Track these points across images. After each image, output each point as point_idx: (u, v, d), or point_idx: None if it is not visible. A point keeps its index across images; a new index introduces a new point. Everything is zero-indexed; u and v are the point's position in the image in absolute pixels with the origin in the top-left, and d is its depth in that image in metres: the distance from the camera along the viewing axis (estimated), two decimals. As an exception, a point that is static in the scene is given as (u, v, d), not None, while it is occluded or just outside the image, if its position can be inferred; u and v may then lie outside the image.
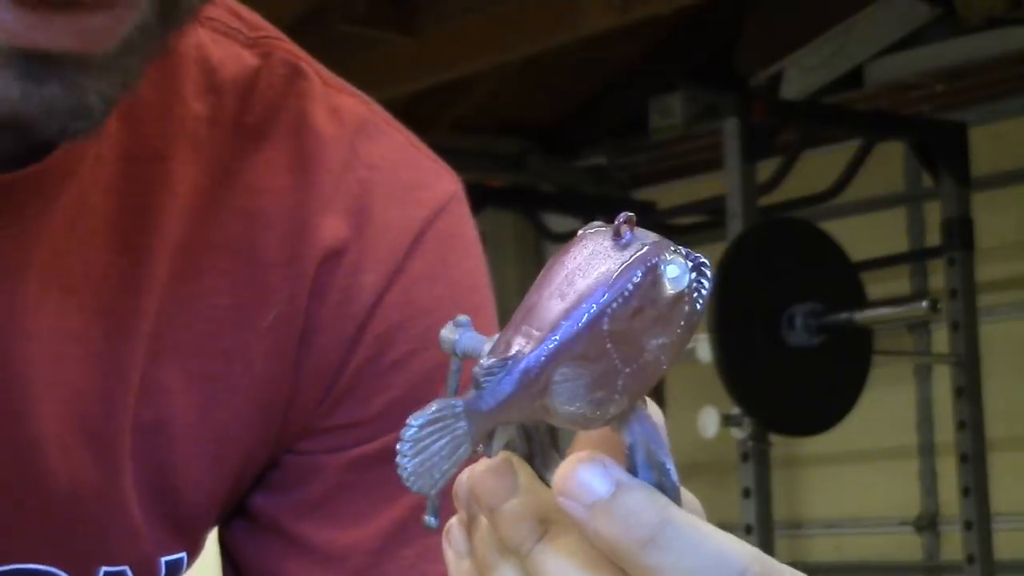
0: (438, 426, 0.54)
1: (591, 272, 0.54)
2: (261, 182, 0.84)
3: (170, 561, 0.84)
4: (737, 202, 3.23)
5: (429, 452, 0.54)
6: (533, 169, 4.23)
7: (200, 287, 0.82)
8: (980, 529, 3.28)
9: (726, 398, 3.10)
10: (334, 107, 0.87)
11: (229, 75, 0.84)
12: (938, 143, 3.38)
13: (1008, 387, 3.49)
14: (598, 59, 4.01)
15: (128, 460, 0.81)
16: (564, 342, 0.53)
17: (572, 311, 0.53)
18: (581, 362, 0.53)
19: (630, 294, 0.53)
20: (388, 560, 0.85)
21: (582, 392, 0.53)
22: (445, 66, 3.69)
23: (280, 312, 0.83)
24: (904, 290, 3.69)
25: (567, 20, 3.45)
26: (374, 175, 0.86)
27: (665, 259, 0.53)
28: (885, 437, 3.72)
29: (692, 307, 0.54)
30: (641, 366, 0.54)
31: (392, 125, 0.89)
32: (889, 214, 3.77)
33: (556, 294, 0.54)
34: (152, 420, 0.81)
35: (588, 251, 0.55)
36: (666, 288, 0.53)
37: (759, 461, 3.21)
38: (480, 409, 0.54)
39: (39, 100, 0.66)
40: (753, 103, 3.26)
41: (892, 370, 3.63)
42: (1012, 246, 3.55)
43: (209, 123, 0.83)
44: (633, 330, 0.53)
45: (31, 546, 0.80)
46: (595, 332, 0.53)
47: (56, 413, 0.78)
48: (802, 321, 3.12)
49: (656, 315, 0.53)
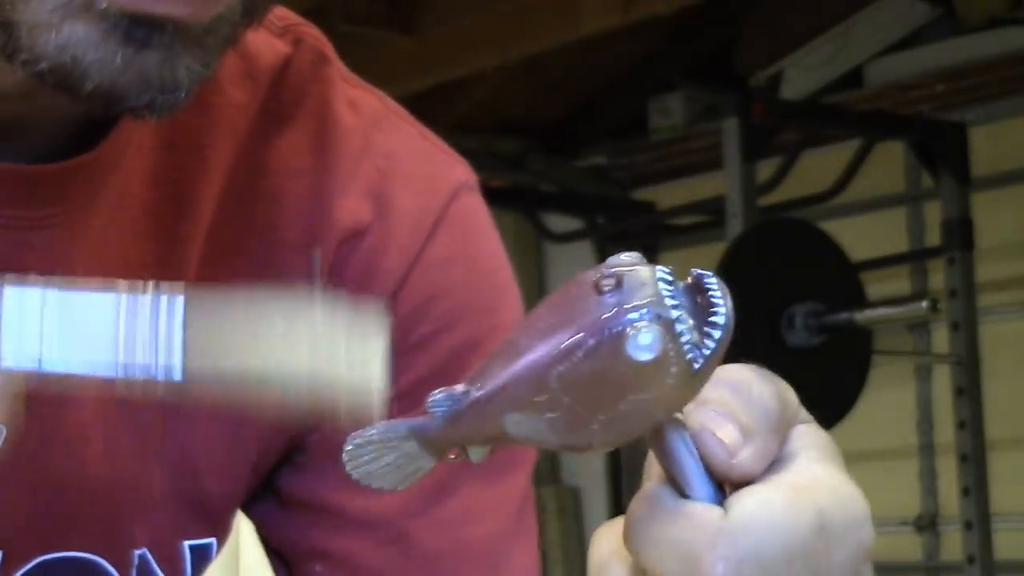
0: (379, 445, 0.56)
1: (555, 327, 0.53)
2: (284, 164, 0.85)
3: (197, 546, 0.84)
4: (737, 202, 3.23)
5: (376, 464, 0.56)
6: (533, 169, 4.23)
7: (225, 269, 0.82)
8: (980, 529, 3.27)
9: (726, 398, 3.09)
10: (352, 99, 0.88)
11: (265, 63, 0.86)
12: (938, 143, 3.38)
13: (1008, 387, 3.49)
14: (598, 59, 4.01)
15: (160, 442, 0.81)
16: (508, 396, 0.53)
17: (526, 365, 0.53)
18: (533, 411, 0.53)
19: (580, 360, 0.51)
20: (427, 521, 0.85)
21: (544, 433, 0.53)
22: (445, 66, 3.69)
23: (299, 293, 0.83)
24: (904, 290, 3.69)
25: (567, 20, 3.45)
26: (391, 164, 0.88)
27: (637, 327, 0.51)
28: (885, 437, 3.72)
29: (682, 368, 0.52)
30: (619, 416, 0.52)
31: (405, 119, 0.91)
32: (889, 214, 3.77)
33: (522, 342, 0.53)
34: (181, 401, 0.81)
35: (568, 300, 0.53)
36: (631, 355, 0.51)
37: (759, 461, 3.21)
38: (427, 434, 0.55)
39: (136, 69, 0.67)
40: (753, 103, 3.26)
41: (892, 370, 3.63)
42: (1012, 246, 3.55)
43: (245, 110, 0.84)
44: (597, 388, 0.52)
45: (72, 533, 0.80)
46: (544, 387, 0.52)
47: (98, 400, 0.79)
48: (802, 321, 3.12)
49: (625, 378, 0.52)
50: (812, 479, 0.55)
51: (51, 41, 0.66)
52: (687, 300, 0.53)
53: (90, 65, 0.66)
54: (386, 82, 0.95)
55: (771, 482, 0.55)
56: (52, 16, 0.66)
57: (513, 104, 4.15)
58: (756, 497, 0.54)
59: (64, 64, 0.66)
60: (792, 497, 0.54)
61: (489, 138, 4.17)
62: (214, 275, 0.82)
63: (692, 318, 0.53)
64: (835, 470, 0.56)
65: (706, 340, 0.52)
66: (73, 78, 0.67)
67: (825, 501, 0.54)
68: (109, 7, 0.66)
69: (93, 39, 0.66)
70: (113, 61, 0.66)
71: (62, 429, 0.79)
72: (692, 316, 0.53)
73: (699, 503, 0.54)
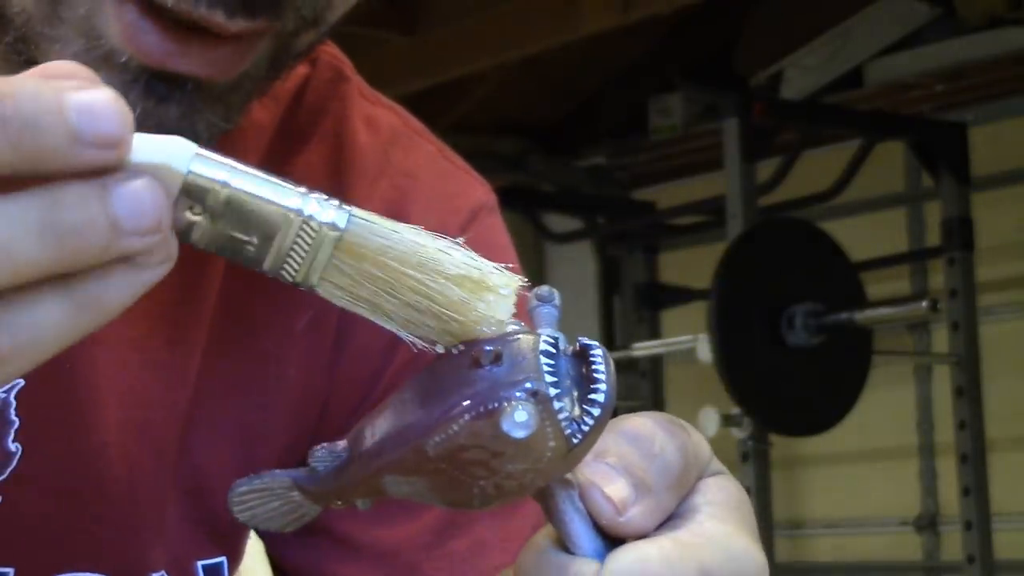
0: (265, 493, 0.57)
1: (434, 396, 0.52)
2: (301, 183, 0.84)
3: (209, 566, 0.84)
4: (737, 202, 3.23)
5: (263, 509, 0.57)
6: (533, 169, 4.23)
7: (247, 292, 0.82)
8: (980, 529, 3.27)
9: (726, 398, 3.10)
10: (370, 117, 0.88)
11: (286, 84, 0.85)
12: (938, 143, 3.37)
13: (1008, 387, 3.49)
14: (598, 59, 4.01)
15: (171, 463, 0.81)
16: (386, 460, 0.53)
17: (402, 432, 0.52)
18: (411, 474, 0.53)
19: (455, 433, 0.51)
20: (439, 555, 0.85)
21: (424, 493, 0.54)
22: (445, 66, 3.69)
23: (314, 317, 0.83)
24: (904, 290, 3.69)
25: (567, 20, 3.45)
26: (409, 182, 0.87)
27: (512, 403, 0.51)
28: (885, 437, 3.72)
29: (559, 443, 0.51)
30: (499, 482, 0.52)
31: (425, 136, 0.90)
32: (889, 214, 3.77)
33: (400, 405, 0.53)
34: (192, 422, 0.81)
35: (452, 367, 0.53)
36: (506, 433, 0.51)
37: (759, 461, 3.21)
38: (310, 487, 0.56)
39: (156, 120, 0.67)
40: (753, 103, 3.26)
41: (892, 370, 3.63)
42: (1012, 246, 3.55)
43: (265, 131, 0.84)
44: (474, 458, 0.52)
45: (86, 554, 0.80)
46: (421, 455, 0.52)
47: (119, 420, 0.79)
48: (802, 321, 3.12)
49: (501, 451, 0.51)
50: (701, 535, 0.55)
51: None
52: (571, 370, 0.53)
53: None
54: (386, 82, 0.94)
55: (654, 539, 0.54)
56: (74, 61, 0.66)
57: (513, 104, 4.15)
58: (634, 553, 0.53)
59: None
60: (673, 552, 0.53)
61: (489, 138, 4.16)
62: (235, 296, 0.82)
63: (574, 389, 0.52)
64: (733, 526, 0.56)
65: (585, 417, 0.52)
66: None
67: (711, 558, 0.54)
68: (130, 61, 0.66)
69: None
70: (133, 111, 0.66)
71: (80, 448, 0.78)
72: (574, 387, 0.52)
73: (579, 559, 0.54)
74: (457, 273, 0.52)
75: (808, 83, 3.69)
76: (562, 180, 4.26)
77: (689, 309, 3.75)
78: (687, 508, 0.56)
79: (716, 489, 0.57)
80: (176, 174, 0.49)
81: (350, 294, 0.52)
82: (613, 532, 0.55)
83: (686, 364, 3.65)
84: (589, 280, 4.23)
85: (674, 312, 4.00)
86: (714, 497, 0.57)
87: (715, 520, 0.56)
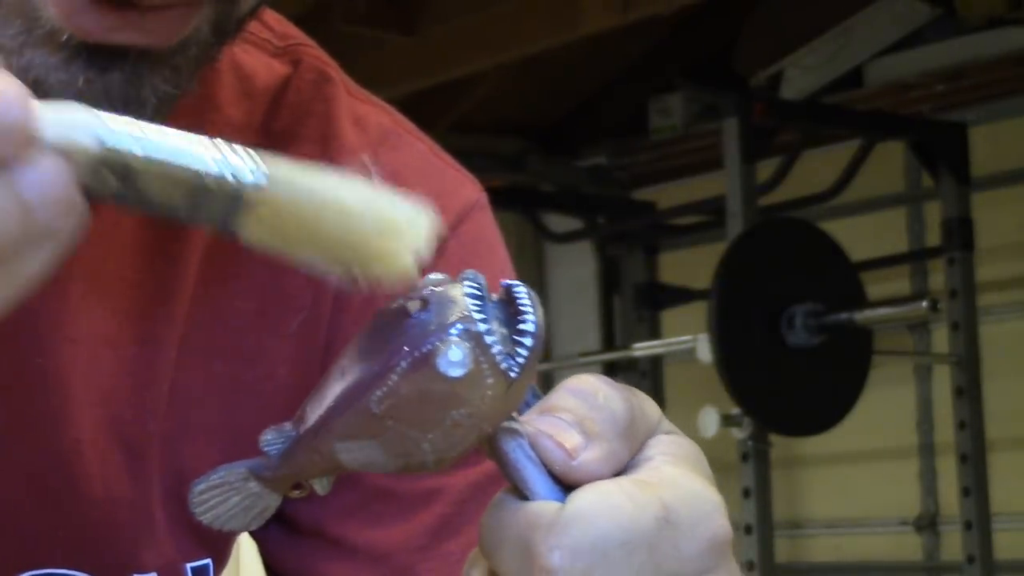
0: (223, 488, 0.57)
1: (369, 353, 0.53)
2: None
3: (195, 568, 0.84)
4: (737, 202, 3.23)
5: (224, 507, 0.57)
6: (533, 169, 4.23)
7: (225, 292, 0.82)
8: (980, 529, 3.27)
9: (726, 398, 3.10)
10: (358, 117, 0.87)
11: (262, 83, 0.85)
12: (938, 143, 3.38)
13: (1008, 387, 3.49)
14: (598, 59, 4.01)
15: (156, 466, 0.81)
16: (334, 426, 0.53)
17: (344, 394, 0.53)
18: (361, 438, 0.53)
19: (396, 383, 0.52)
20: (433, 556, 0.85)
21: (377, 457, 0.54)
22: (445, 66, 3.68)
23: (304, 319, 0.83)
24: (904, 290, 3.69)
25: (567, 20, 3.45)
26: (397, 182, 0.86)
27: (445, 342, 0.52)
28: (885, 437, 3.72)
29: (498, 378, 0.53)
30: (446, 432, 0.53)
31: (415, 135, 0.90)
32: (889, 214, 3.77)
33: (339, 373, 0.54)
34: (175, 424, 0.81)
35: (382, 324, 0.54)
36: (443, 372, 0.52)
37: (759, 461, 3.21)
38: (265, 473, 0.56)
39: (100, 88, 0.67)
40: (753, 103, 3.26)
41: (892, 370, 3.63)
42: (1012, 246, 3.55)
43: (242, 129, 0.84)
44: (417, 408, 0.53)
45: (63, 552, 0.80)
46: (366, 414, 0.53)
47: (92, 418, 0.79)
48: (802, 321, 3.12)
49: (442, 395, 0.52)
50: (659, 477, 0.56)
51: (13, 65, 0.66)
52: (499, 312, 0.54)
53: (52, 87, 0.67)
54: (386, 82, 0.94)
55: (613, 480, 0.55)
56: (13, 42, 0.67)
57: (513, 104, 4.15)
58: (595, 490, 0.54)
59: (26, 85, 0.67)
60: (634, 491, 0.54)
61: (489, 138, 4.17)
62: (211, 297, 0.81)
63: (504, 328, 0.53)
64: (688, 470, 0.57)
65: (518, 348, 0.53)
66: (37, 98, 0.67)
67: (670, 496, 0.55)
68: (70, 38, 0.66)
69: (54, 64, 0.67)
70: (75, 83, 0.67)
71: (53, 446, 0.78)
72: (504, 327, 0.53)
73: (538, 502, 0.55)
74: (372, 217, 0.54)
75: (808, 83, 3.69)
76: (562, 180, 4.26)
77: (689, 309, 3.75)
78: (641, 459, 0.57)
79: (668, 442, 0.58)
80: (87, 148, 0.51)
81: (269, 242, 0.53)
82: (567, 479, 0.55)
83: (686, 364, 3.65)
84: (589, 280, 4.23)
85: (674, 312, 3.99)
86: (667, 449, 0.58)
87: (670, 465, 0.57)
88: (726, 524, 0.57)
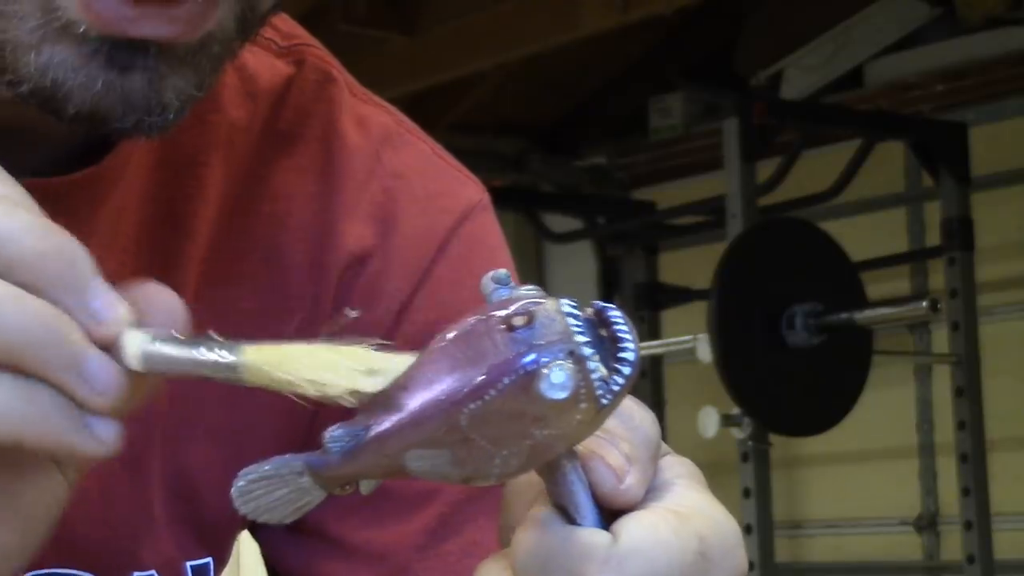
0: (274, 480, 0.57)
1: (464, 364, 0.52)
2: (288, 187, 0.84)
3: (196, 566, 0.84)
4: (737, 202, 3.23)
5: (268, 499, 0.57)
6: (533, 169, 4.24)
7: (226, 292, 0.82)
8: (980, 529, 3.28)
9: (726, 398, 3.10)
10: (360, 117, 0.87)
11: (265, 83, 0.85)
12: (938, 143, 3.38)
13: (1008, 387, 3.49)
14: (598, 59, 4.01)
15: (156, 464, 0.81)
16: (413, 433, 0.52)
17: (434, 402, 0.52)
18: (437, 447, 0.52)
19: (492, 399, 0.51)
20: (432, 556, 0.84)
21: (444, 467, 0.53)
22: (445, 66, 3.69)
23: (305, 318, 0.83)
24: (904, 290, 3.69)
25: (567, 20, 3.45)
26: (399, 183, 0.86)
27: (549, 365, 0.51)
28: (885, 437, 3.72)
29: (591, 404, 0.52)
30: (522, 450, 0.52)
31: (417, 135, 0.89)
32: (889, 214, 3.77)
33: (426, 378, 0.53)
34: (175, 423, 0.81)
35: (476, 335, 0.52)
36: (544, 394, 0.51)
37: (759, 461, 3.21)
38: (323, 470, 0.56)
39: (120, 91, 0.66)
40: (753, 103, 3.26)
41: (892, 370, 3.63)
42: (1012, 246, 3.55)
43: (244, 130, 0.83)
44: (505, 425, 0.52)
45: (63, 550, 0.79)
46: (452, 425, 0.52)
47: None
48: (802, 321, 3.12)
49: (535, 415, 0.51)
50: (691, 507, 0.56)
51: (32, 62, 0.65)
52: (593, 334, 0.53)
53: (71, 88, 0.65)
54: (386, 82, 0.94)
55: (654, 509, 0.56)
56: (32, 36, 0.65)
57: (513, 104, 4.15)
58: (643, 523, 0.55)
59: (45, 87, 0.66)
60: (677, 524, 0.55)
61: (489, 138, 4.17)
62: (212, 297, 0.81)
63: (599, 353, 0.52)
64: (709, 497, 0.58)
65: (615, 376, 0.52)
66: (55, 100, 0.66)
67: (705, 528, 0.56)
68: (89, 30, 0.65)
69: (74, 62, 0.65)
70: (95, 84, 0.66)
71: None
72: (598, 350, 0.52)
73: (588, 529, 0.54)
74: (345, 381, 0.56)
75: (808, 83, 3.69)
76: (562, 180, 4.27)
77: (689, 309, 3.75)
78: (662, 482, 0.58)
79: (677, 464, 0.59)
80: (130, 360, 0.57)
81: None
82: (609, 502, 0.55)
83: (686, 364, 3.65)
84: (589, 280, 4.23)
85: (674, 312, 4.00)
86: (679, 471, 0.58)
87: (692, 491, 0.57)
88: (745, 557, 0.58)
